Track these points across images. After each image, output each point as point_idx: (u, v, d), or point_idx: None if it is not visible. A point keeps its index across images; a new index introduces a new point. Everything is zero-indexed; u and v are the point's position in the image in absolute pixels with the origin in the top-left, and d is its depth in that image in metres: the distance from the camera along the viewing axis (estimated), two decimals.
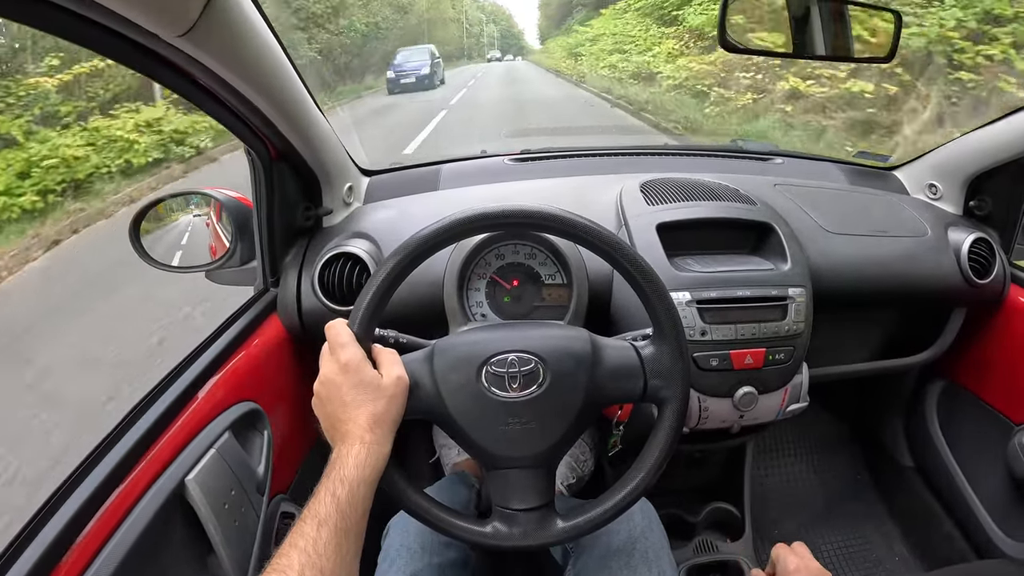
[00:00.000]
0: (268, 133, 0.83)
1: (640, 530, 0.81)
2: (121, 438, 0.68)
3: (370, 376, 0.60)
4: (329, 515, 0.52)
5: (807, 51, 0.98)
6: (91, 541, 0.60)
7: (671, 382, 0.65)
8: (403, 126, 9.04)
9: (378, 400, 0.59)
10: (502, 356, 0.63)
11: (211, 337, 0.87)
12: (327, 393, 0.60)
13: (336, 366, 0.60)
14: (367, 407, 0.58)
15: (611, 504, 0.65)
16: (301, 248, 0.99)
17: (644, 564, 0.77)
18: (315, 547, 0.50)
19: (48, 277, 4.36)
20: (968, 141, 1.12)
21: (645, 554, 0.78)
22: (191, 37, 0.56)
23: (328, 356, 0.62)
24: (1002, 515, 1.13)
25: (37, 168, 5.30)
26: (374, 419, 0.58)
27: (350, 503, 0.53)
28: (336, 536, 0.51)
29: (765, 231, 0.97)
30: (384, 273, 0.63)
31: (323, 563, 0.49)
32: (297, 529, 0.51)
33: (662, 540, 0.82)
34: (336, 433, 0.59)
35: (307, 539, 0.50)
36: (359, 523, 0.54)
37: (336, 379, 0.60)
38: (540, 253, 0.96)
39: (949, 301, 1.14)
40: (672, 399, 0.66)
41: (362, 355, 0.61)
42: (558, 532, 0.65)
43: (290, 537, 0.51)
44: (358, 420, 0.58)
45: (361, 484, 0.55)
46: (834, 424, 1.59)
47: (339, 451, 0.57)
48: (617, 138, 8.07)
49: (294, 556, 0.49)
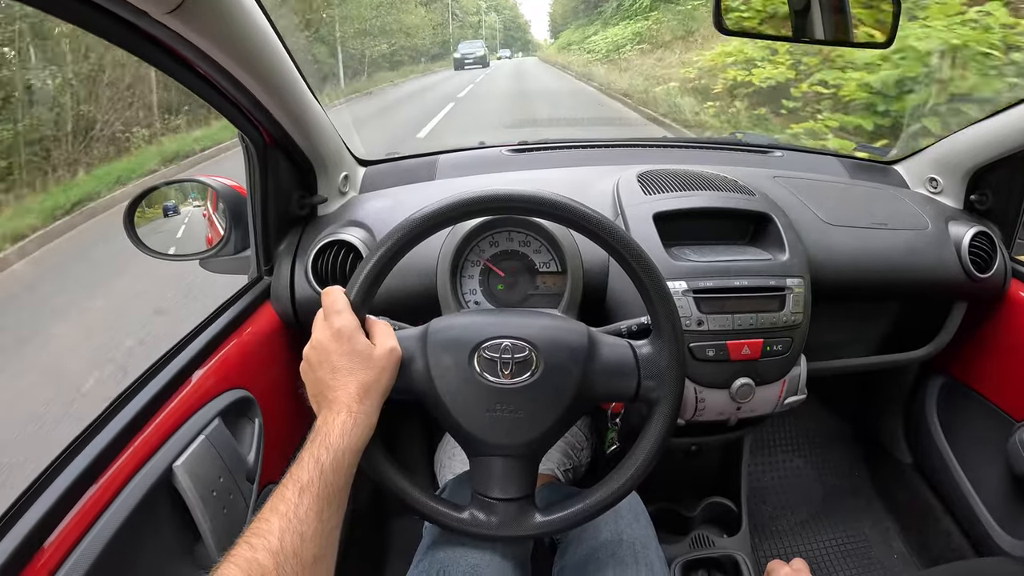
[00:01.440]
0: (262, 118, 0.82)
1: (627, 522, 0.81)
2: (109, 423, 0.67)
3: (363, 345, 0.59)
4: (312, 481, 0.51)
5: (806, 35, 0.97)
6: (76, 525, 0.59)
7: (664, 384, 0.64)
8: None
9: (369, 370, 0.58)
10: (496, 341, 0.63)
11: (203, 324, 0.86)
12: (317, 358, 0.60)
13: (329, 332, 0.59)
14: (357, 376, 0.58)
15: (590, 503, 0.64)
16: (295, 236, 0.99)
17: (632, 556, 0.76)
18: (296, 512, 0.49)
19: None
20: (969, 134, 1.11)
21: (632, 546, 0.77)
22: (179, 14, 0.55)
23: (322, 322, 0.61)
24: (1002, 512, 1.12)
25: None
26: (363, 389, 0.57)
27: (334, 470, 0.53)
28: (318, 503, 0.50)
29: (763, 221, 0.96)
30: (386, 247, 0.63)
31: (304, 528, 0.48)
32: (278, 494, 0.51)
33: (649, 533, 0.82)
34: (323, 399, 0.58)
35: (288, 504, 0.49)
36: (342, 491, 0.54)
37: (328, 345, 0.59)
38: (535, 240, 0.95)
39: (949, 295, 1.13)
40: (663, 402, 0.65)
41: (356, 323, 0.60)
42: (534, 526, 0.64)
43: (270, 501, 0.50)
44: (347, 388, 0.57)
45: (346, 452, 0.54)
46: (833, 419, 1.59)
47: (325, 418, 0.56)
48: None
49: (274, 520, 0.48)
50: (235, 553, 0.46)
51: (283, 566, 0.46)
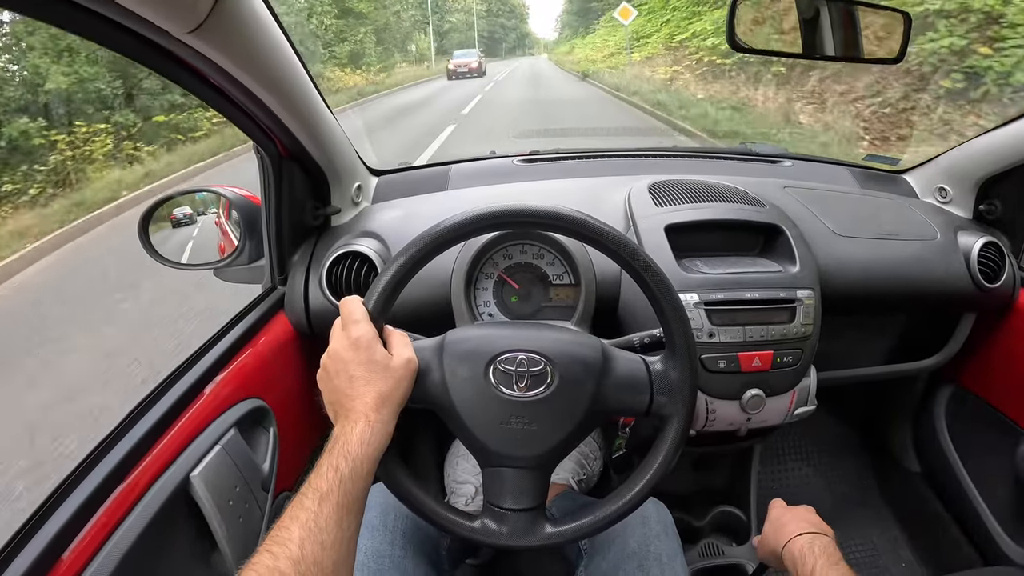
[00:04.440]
0: (277, 131, 0.83)
1: (655, 534, 0.81)
2: (126, 433, 0.68)
3: (380, 355, 0.60)
4: (331, 490, 0.51)
5: (817, 51, 0.97)
6: (95, 536, 0.60)
7: (677, 400, 0.65)
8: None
9: (387, 380, 0.59)
10: (512, 354, 0.63)
11: (218, 334, 0.87)
12: (335, 367, 0.60)
13: (347, 341, 0.60)
14: (375, 385, 0.58)
15: (600, 515, 0.65)
16: (309, 247, 0.99)
17: (658, 568, 0.77)
18: (316, 521, 0.49)
19: None
20: (978, 144, 1.11)
21: (659, 558, 0.78)
22: (201, 33, 0.56)
23: (339, 331, 0.62)
24: (1010, 522, 1.12)
25: None
26: (381, 398, 0.58)
27: (353, 479, 0.53)
28: (338, 512, 0.51)
29: (774, 233, 0.97)
30: (405, 257, 0.63)
31: (324, 537, 0.49)
32: (297, 502, 0.51)
33: (676, 547, 0.82)
34: (340, 408, 0.59)
35: (308, 513, 0.50)
36: (360, 500, 0.54)
37: (346, 354, 0.59)
38: (548, 253, 0.95)
39: (958, 305, 1.13)
40: (675, 418, 0.65)
41: (374, 333, 0.61)
42: (544, 536, 0.64)
43: (290, 510, 0.51)
44: (365, 398, 0.57)
45: (365, 461, 0.55)
46: (842, 429, 1.58)
47: (342, 427, 0.57)
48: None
49: (295, 529, 0.49)
50: (256, 561, 0.47)
51: (304, 574, 0.47)
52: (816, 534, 0.74)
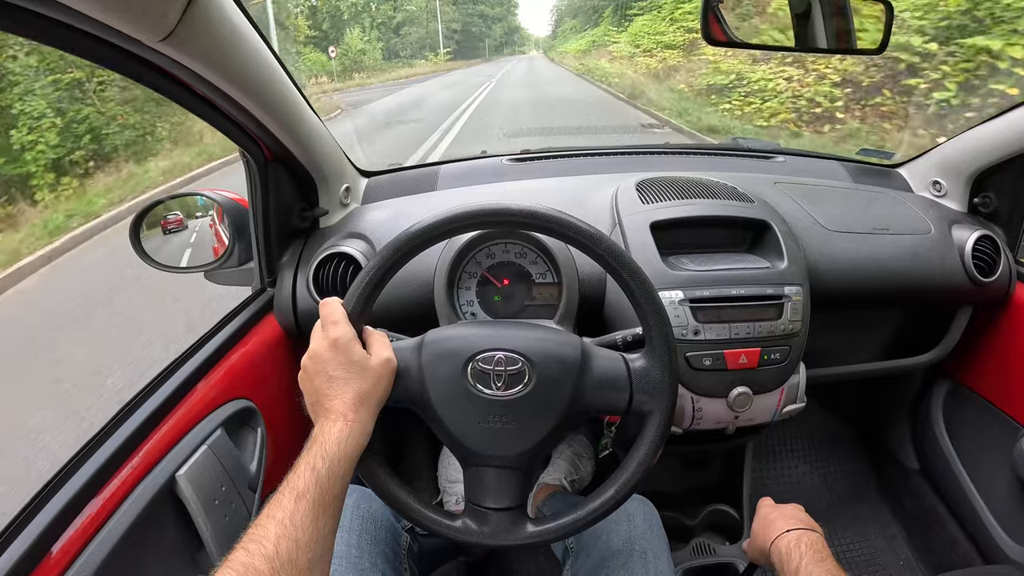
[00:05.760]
0: (261, 135, 0.84)
1: (640, 531, 0.81)
2: (113, 433, 0.69)
3: (359, 355, 0.60)
4: (308, 489, 0.52)
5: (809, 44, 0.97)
6: (82, 532, 0.61)
7: (656, 398, 0.65)
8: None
9: (365, 380, 0.59)
10: (490, 353, 0.63)
11: (207, 335, 0.88)
12: (314, 368, 0.61)
13: (326, 342, 0.61)
14: (353, 385, 0.59)
15: (580, 514, 0.65)
16: (297, 248, 1.00)
17: (642, 566, 0.77)
18: (292, 519, 0.50)
19: None
20: (972, 137, 1.10)
21: (644, 555, 0.78)
22: (172, 41, 0.57)
23: (319, 332, 0.62)
24: (1008, 519, 1.11)
25: None
26: (359, 398, 0.59)
27: (329, 478, 0.54)
28: (314, 510, 0.51)
29: (762, 229, 0.96)
30: (382, 258, 0.64)
31: (299, 535, 0.49)
32: (275, 501, 0.52)
33: (662, 543, 0.82)
34: (320, 408, 0.59)
35: (284, 511, 0.50)
36: (337, 499, 0.55)
37: (325, 355, 0.60)
38: (531, 252, 0.96)
39: (954, 300, 1.12)
40: (656, 416, 0.65)
41: (353, 334, 0.61)
42: (525, 536, 0.65)
43: (267, 508, 0.51)
44: (343, 397, 0.58)
45: (342, 461, 0.55)
46: (838, 425, 1.57)
47: (321, 427, 0.57)
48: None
49: (271, 527, 0.49)
50: (232, 558, 0.48)
51: (279, 571, 0.47)
52: (803, 531, 0.74)
